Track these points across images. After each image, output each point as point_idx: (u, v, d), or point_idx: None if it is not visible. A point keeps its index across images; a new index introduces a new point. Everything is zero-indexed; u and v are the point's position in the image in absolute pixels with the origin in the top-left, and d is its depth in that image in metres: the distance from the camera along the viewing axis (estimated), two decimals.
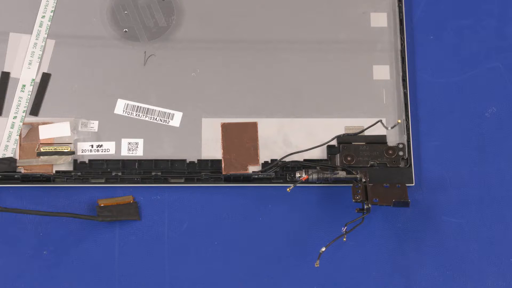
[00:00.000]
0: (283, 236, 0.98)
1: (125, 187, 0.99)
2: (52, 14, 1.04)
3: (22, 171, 0.98)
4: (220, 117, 1.01)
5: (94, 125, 1.00)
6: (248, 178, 0.98)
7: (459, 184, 1.00)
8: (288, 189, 0.96)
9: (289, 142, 1.00)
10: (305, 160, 0.99)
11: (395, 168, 0.99)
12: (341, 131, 1.00)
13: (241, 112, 1.01)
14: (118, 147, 1.00)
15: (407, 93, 1.02)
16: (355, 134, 0.99)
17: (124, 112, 1.01)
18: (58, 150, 0.98)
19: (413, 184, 0.99)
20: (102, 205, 0.97)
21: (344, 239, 0.93)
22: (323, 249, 0.92)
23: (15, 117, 1.00)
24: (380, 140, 1.00)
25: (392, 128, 0.99)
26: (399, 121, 0.99)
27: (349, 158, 0.99)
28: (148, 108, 1.01)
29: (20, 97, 1.01)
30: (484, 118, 1.03)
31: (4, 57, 1.02)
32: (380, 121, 0.99)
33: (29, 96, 1.01)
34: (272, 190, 0.99)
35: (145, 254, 0.97)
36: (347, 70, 1.03)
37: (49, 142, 0.99)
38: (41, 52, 1.03)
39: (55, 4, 1.04)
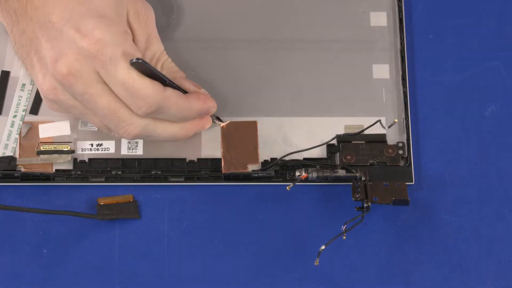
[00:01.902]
0: (283, 235, 0.97)
1: (125, 185, 0.99)
2: None
3: (22, 169, 0.98)
4: (220, 117, 1.01)
5: None
6: (248, 177, 0.98)
7: (459, 182, 1.00)
8: (287, 188, 0.96)
9: (289, 141, 1.00)
10: (304, 158, 0.99)
11: (394, 167, 0.99)
12: (341, 130, 1.00)
13: (241, 111, 1.01)
14: (118, 146, 0.99)
15: (407, 92, 1.02)
16: (355, 134, 0.99)
17: None
18: (58, 149, 0.98)
19: (413, 183, 0.99)
20: (102, 203, 0.97)
21: (344, 238, 0.93)
22: (323, 247, 0.92)
23: (15, 116, 1.00)
24: (380, 139, 1.00)
25: (389, 127, 0.98)
26: (396, 120, 0.99)
27: (348, 157, 0.99)
28: None
29: (20, 96, 1.01)
30: (484, 117, 1.03)
31: (4, 56, 1.02)
32: (379, 121, 0.99)
33: (29, 95, 1.01)
34: (272, 188, 0.99)
35: (145, 253, 0.97)
36: (347, 69, 1.03)
37: (49, 141, 0.99)
38: None
39: None
